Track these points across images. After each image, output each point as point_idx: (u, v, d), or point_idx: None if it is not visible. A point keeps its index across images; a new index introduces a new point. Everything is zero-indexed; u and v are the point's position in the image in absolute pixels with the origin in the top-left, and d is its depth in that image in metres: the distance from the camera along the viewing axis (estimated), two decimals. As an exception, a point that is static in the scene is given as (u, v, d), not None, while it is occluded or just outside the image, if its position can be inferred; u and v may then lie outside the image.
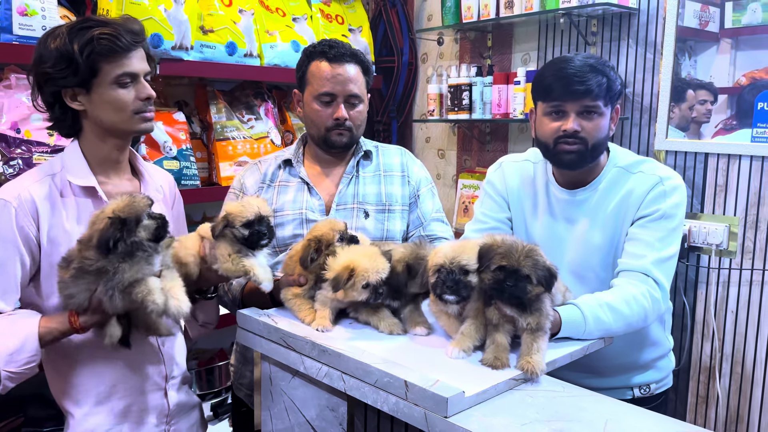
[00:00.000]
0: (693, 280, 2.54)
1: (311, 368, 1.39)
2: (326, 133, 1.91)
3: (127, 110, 1.54)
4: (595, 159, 1.69)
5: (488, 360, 1.30)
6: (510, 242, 1.34)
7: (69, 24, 1.52)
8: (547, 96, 1.67)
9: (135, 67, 1.53)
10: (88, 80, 1.49)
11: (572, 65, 1.63)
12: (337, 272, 1.44)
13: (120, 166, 1.65)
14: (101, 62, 1.49)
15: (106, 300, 1.39)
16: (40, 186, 1.53)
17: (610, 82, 1.63)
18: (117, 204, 1.41)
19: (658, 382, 1.84)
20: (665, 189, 1.66)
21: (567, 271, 1.75)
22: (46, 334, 1.46)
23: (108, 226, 1.37)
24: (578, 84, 1.60)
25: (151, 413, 1.65)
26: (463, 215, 3.24)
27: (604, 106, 1.64)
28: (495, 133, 3.26)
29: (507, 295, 1.30)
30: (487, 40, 3.21)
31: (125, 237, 1.37)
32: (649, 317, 1.57)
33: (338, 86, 1.87)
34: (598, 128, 1.64)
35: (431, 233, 2.00)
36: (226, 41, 2.71)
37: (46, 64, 1.48)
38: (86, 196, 1.56)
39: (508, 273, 1.30)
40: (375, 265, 1.43)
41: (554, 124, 1.66)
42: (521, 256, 1.30)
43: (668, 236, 1.64)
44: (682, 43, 2.51)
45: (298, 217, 1.90)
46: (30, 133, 2.18)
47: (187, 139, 2.64)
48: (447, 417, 1.13)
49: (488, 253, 1.33)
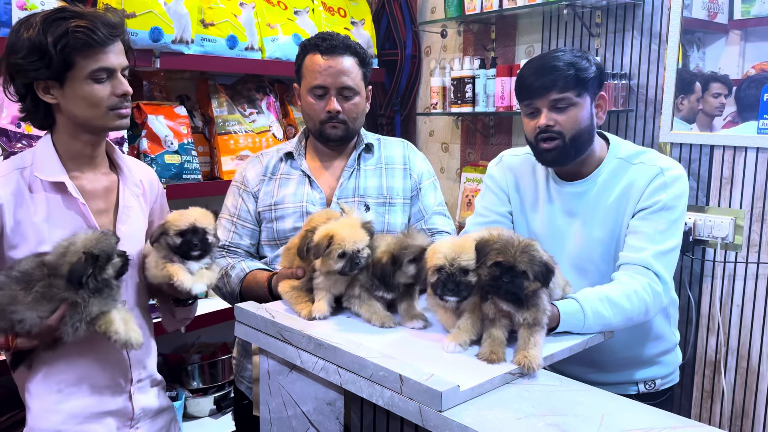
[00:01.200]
0: (698, 274, 2.52)
1: (308, 362, 1.38)
2: (321, 127, 1.91)
3: (102, 106, 1.48)
4: (578, 152, 1.67)
5: (484, 354, 1.29)
6: (506, 237, 1.33)
7: (44, 14, 1.45)
8: (520, 97, 1.70)
9: (111, 62, 1.47)
10: (62, 74, 1.44)
11: (538, 63, 1.65)
12: (318, 240, 1.46)
13: (95, 161, 1.60)
14: (76, 56, 1.43)
15: (69, 330, 1.41)
16: (7, 179, 1.49)
17: (578, 72, 1.61)
18: (89, 239, 1.42)
19: (663, 378, 1.82)
20: (666, 180, 1.64)
21: (568, 265, 1.73)
22: None
23: (81, 262, 1.38)
24: (540, 80, 1.62)
25: (113, 415, 1.59)
26: (467, 209, 3.23)
27: (576, 97, 1.62)
28: (498, 126, 3.24)
29: (503, 292, 1.29)
30: (490, 33, 3.20)
31: (96, 273, 1.40)
32: (650, 311, 1.56)
33: (330, 79, 1.86)
34: (573, 120, 1.63)
35: (433, 227, 1.99)
36: (227, 35, 2.70)
37: (18, 55, 1.42)
38: (56, 192, 1.51)
39: (504, 269, 1.29)
40: (353, 235, 1.44)
41: (532, 123, 1.67)
42: (517, 252, 1.29)
43: (669, 228, 1.62)
44: (690, 35, 2.48)
45: (299, 210, 1.90)
46: (30, 128, 2.19)
47: (188, 133, 2.64)
48: (441, 411, 1.12)
49: (484, 248, 1.32)
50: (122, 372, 1.61)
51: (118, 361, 1.60)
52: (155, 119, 2.55)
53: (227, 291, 1.87)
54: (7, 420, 2.26)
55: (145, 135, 2.52)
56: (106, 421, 1.59)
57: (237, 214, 1.95)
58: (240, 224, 1.94)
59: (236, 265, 1.87)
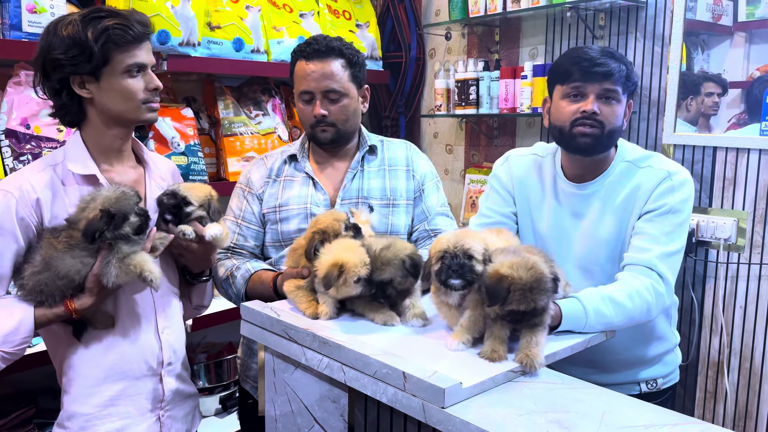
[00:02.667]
0: (701, 275, 2.53)
1: (312, 360, 1.40)
2: (312, 131, 1.94)
3: (136, 100, 1.57)
4: (608, 147, 1.69)
5: (486, 353, 1.30)
6: (519, 279, 1.27)
7: (81, 13, 1.54)
8: (567, 78, 1.67)
9: (144, 59, 1.56)
10: (99, 68, 1.51)
11: (593, 50, 1.66)
12: (327, 271, 1.44)
13: (123, 155, 1.67)
14: (113, 51, 1.51)
15: (107, 272, 1.48)
16: (42, 176, 1.56)
17: (628, 71, 1.66)
18: (108, 197, 1.49)
19: (664, 377, 1.83)
20: (673, 184, 1.65)
21: (574, 266, 1.74)
22: (40, 317, 1.51)
23: (96, 218, 1.46)
24: (600, 66, 1.62)
25: (146, 398, 1.66)
26: (471, 210, 3.24)
27: (622, 93, 1.65)
28: (502, 127, 3.25)
29: (524, 324, 1.32)
30: (494, 35, 3.21)
31: (110, 230, 1.48)
32: (652, 311, 1.57)
33: (313, 83, 1.88)
34: (614, 114, 1.65)
35: (436, 228, 2.00)
36: (233, 37, 2.73)
37: (57, 51, 1.50)
38: (88, 184, 1.59)
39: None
40: (362, 258, 1.44)
41: (573, 106, 1.66)
42: (535, 295, 1.27)
43: (675, 231, 1.63)
44: (694, 37, 2.49)
45: (303, 212, 1.92)
46: (39, 129, 2.22)
47: (195, 134, 2.67)
48: (444, 408, 1.13)
49: (500, 290, 1.28)
50: (154, 355, 1.67)
51: (150, 345, 1.66)
52: (162, 121, 2.57)
53: (233, 292, 1.89)
54: (16, 417, 2.29)
55: (152, 136, 2.55)
56: (139, 403, 1.65)
57: (242, 216, 1.97)
58: (245, 226, 1.96)
59: (241, 266, 1.88)
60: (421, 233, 2.01)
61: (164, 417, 1.70)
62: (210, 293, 1.91)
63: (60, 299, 1.51)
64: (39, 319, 1.51)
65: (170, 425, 1.72)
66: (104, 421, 1.61)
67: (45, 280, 1.50)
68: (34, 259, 1.51)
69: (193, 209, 1.65)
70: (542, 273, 1.28)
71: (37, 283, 1.50)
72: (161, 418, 1.70)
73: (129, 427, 1.64)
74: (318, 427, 1.45)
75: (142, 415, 1.66)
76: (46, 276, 1.50)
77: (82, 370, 1.60)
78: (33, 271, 1.51)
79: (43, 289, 1.50)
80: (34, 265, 1.51)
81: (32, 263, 1.51)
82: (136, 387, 1.65)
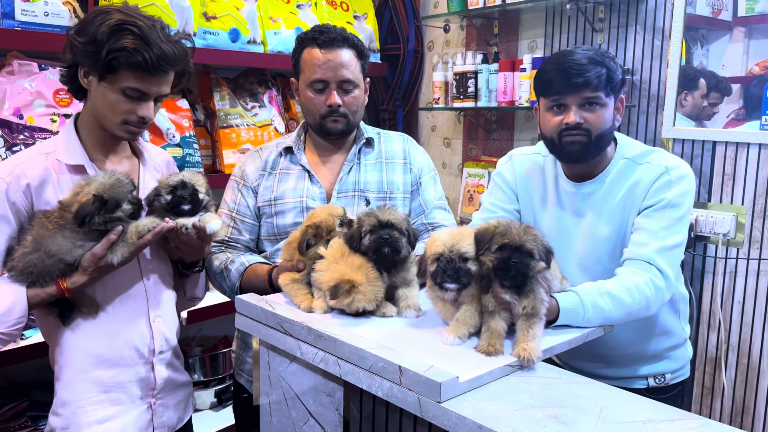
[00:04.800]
0: (699, 270, 2.52)
1: (307, 353, 1.39)
2: (321, 121, 1.90)
3: (118, 117, 1.55)
4: (600, 151, 1.68)
5: (482, 347, 1.29)
6: (505, 222, 1.34)
7: (118, 18, 1.50)
8: (547, 91, 1.68)
9: (149, 89, 1.55)
10: (104, 74, 1.52)
11: (570, 58, 1.63)
12: (338, 282, 1.44)
13: (116, 147, 1.68)
14: (123, 69, 1.51)
15: (114, 249, 1.52)
16: (34, 162, 1.56)
17: (609, 73, 1.63)
18: (103, 183, 1.51)
19: (673, 372, 1.82)
20: (671, 178, 1.64)
21: (575, 264, 1.74)
22: (33, 297, 1.52)
23: (89, 203, 1.49)
24: (577, 76, 1.60)
25: (137, 386, 1.67)
26: (469, 204, 3.23)
27: (605, 97, 1.64)
28: (501, 121, 3.24)
29: (513, 273, 1.29)
30: (493, 27, 3.19)
31: (101, 215, 1.50)
32: (651, 306, 1.56)
33: (329, 72, 1.85)
34: (600, 120, 1.64)
35: (433, 221, 1.99)
36: (230, 28, 2.70)
37: (80, 37, 1.51)
38: (77, 174, 1.59)
39: (512, 250, 1.30)
40: (377, 294, 1.45)
41: (556, 119, 1.66)
42: (521, 232, 1.31)
43: (673, 225, 1.62)
44: (694, 32, 2.47)
45: (299, 205, 1.90)
46: (33, 119, 2.20)
47: (190, 126, 2.65)
48: (440, 402, 1.12)
49: (485, 235, 1.33)
50: (145, 342, 1.67)
51: (141, 332, 1.67)
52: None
53: (227, 285, 1.87)
54: (8, 411, 2.27)
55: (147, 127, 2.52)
56: (130, 391, 1.66)
57: (236, 209, 1.95)
58: (239, 219, 1.94)
59: (235, 259, 1.87)
60: (419, 227, 1.99)
61: (156, 405, 1.71)
62: (204, 285, 1.91)
63: (51, 279, 1.53)
64: (32, 299, 1.52)
65: (162, 413, 1.72)
66: (96, 407, 1.62)
67: (35, 260, 1.51)
68: (25, 240, 1.53)
69: (203, 196, 1.65)
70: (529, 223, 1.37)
71: (27, 263, 1.51)
72: (153, 405, 1.70)
73: (121, 414, 1.64)
74: (313, 421, 1.44)
75: (134, 402, 1.67)
76: (36, 256, 1.51)
77: (73, 357, 1.61)
78: (23, 252, 1.52)
79: (33, 270, 1.51)
80: (24, 246, 1.52)
81: (23, 244, 1.53)
82: (127, 374, 1.65)
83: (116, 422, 1.64)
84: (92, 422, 1.61)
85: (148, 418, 1.69)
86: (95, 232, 1.53)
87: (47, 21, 2.21)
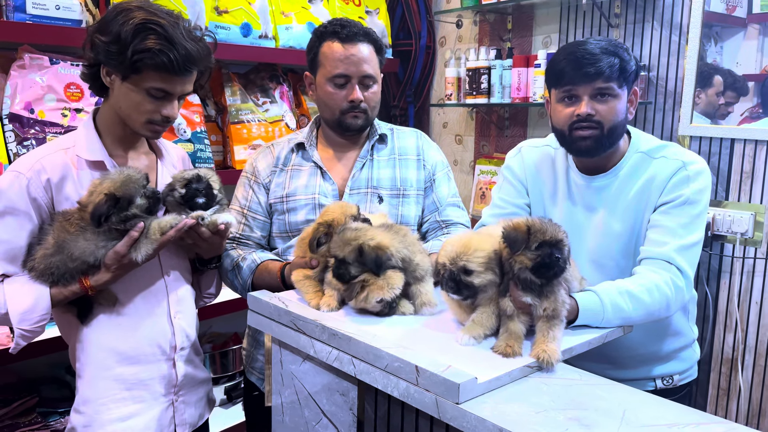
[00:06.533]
0: (716, 270, 2.48)
1: (321, 352, 1.37)
2: (341, 116, 1.88)
3: (142, 117, 1.56)
4: (612, 144, 1.65)
5: (500, 347, 1.27)
6: (534, 219, 1.32)
7: (142, 16, 1.49)
8: (558, 81, 1.64)
9: (173, 88, 1.55)
10: (128, 74, 1.51)
11: (582, 48, 1.60)
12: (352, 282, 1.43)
13: (135, 143, 1.69)
14: (147, 69, 1.50)
15: (137, 246, 1.52)
16: (54, 157, 1.57)
17: (623, 63, 1.59)
18: (114, 180, 1.51)
19: (681, 374, 1.79)
20: (689, 174, 1.61)
21: (587, 260, 1.71)
22: (56, 294, 1.53)
23: (102, 202, 1.49)
24: (588, 66, 1.57)
25: (159, 383, 1.67)
26: (481, 201, 3.20)
27: (618, 88, 1.60)
28: (514, 117, 3.21)
29: (557, 270, 1.28)
30: (507, 23, 3.16)
31: (116, 213, 1.51)
32: (671, 306, 1.53)
33: (352, 67, 1.83)
34: (613, 111, 1.60)
35: (447, 218, 1.97)
36: (241, 22, 2.68)
37: (103, 37, 1.50)
38: (97, 169, 1.59)
39: (552, 246, 1.27)
40: (392, 281, 1.42)
41: (568, 110, 1.63)
42: (556, 228, 1.29)
43: (692, 223, 1.59)
44: (708, 29, 2.43)
45: (311, 202, 1.88)
46: (44, 114, 2.18)
47: (201, 121, 2.63)
48: (459, 403, 1.10)
49: (520, 235, 1.30)
50: (166, 339, 1.67)
51: (163, 329, 1.67)
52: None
53: (239, 282, 1.85)
54: (18, 406, 2.27)
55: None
56: (152, 388, 1.66)
57: (247, 206, 1.93)
58: (251, 216, 1.92)
59: (247, 257, 1.85)
60: (432, 224, 1.97)
61: (177, 402, 1.71)
62: (218, 282, 1.91)
63: (73, 279, 1.53)
64: (55, 297, 1.53)
65: (183, 410, 1.72)
66: (119, 405, 1.62)
67: (57, 262, 1.51)
68: (46, 241, 1.52)
69: (217, 192, 1.66)
70: None
71: (49, 265, 1.51)
72: (174, 402, 1.70)
73: (143, 412, 1.64)
74: (326, 421, 1.42)
75: (156, 399, 1.66)
76: (58, 259, 1.51)
77: (95, 354, 1.60)
78: (45, 253, 1.52)
79: (55, 271, 1.52)
80: (46, 248, 1.52)
81: (44, 245, 1.52)
82: (149, 371, 1.65)
83: (139, 420, 1.63)
84: (115, 419, 1.61)
85: (170, 415, 1.69)
86: (116, 231, 1.53)
87: (59, 14, 2.20)
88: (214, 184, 1.65)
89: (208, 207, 1.63)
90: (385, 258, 1.41)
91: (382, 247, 1.41)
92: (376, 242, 1.42)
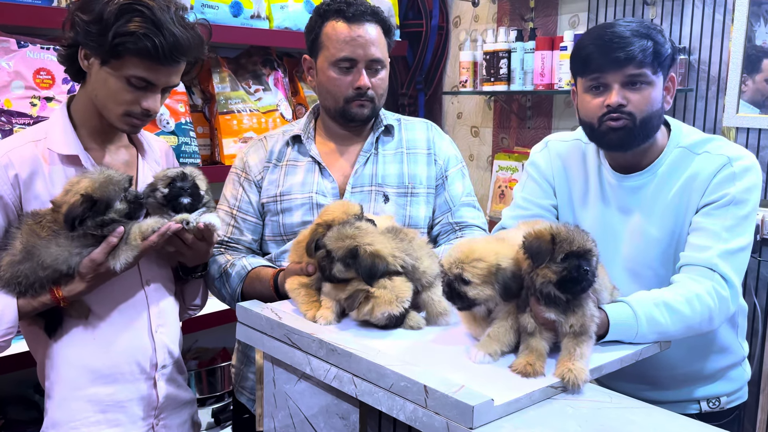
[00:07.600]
0: (766, 279, 2.48)
1: (318, 370, 1.37)
2: (345, 105, 1.88)
3: (120, 108, 1.57)
4: (646, 137, 1.65)
5: (519, 365, 1.26)
6: (559, 226, 1.31)
7: None
8: (585, 69, 1.65)
9: (157, 79, 1.55)
10: (108, 58, 1.51)
11: (611, 30, 1.60)
12: (352, 291, 1.43)
13: (113, 136, 1.69)
14: (129, 55, 1.50)
15: (115, 254, 1.51)
16: (22, 150, 1.57)
17: (657, 46, 1.59)
18: (93, 180, 1.51)
19: (729, 395, 1.79)
20: (735, 171, 1.61)
21: (621, 268, 1.71)
22: (24, 306, 1.53)
23: (77, 204, 1.48)
24: (618, 50, 1.57)
25: (137, 404, 1.67)
26: (499, 201, 3.21)
27: (652, 75, 1.61)
28: (537, 107, 3.21)
29: (585, 285, 1.28)
30: (529, 1, 3.16)
31: (92, 217, 1.50)
32: (715, 319, 1.53)
33: (359, 50, 1.83)
34: (646, 100, 1.61)
35: (460, 220, 1.97)
36: (231, 1, 2.70)
37: (84, 15, 1.50)
38: (71, 165, 1.60)
39: (579, 257, 1.27)
40: (401, 293, 1.42)
41: (597, 101, 1.63)
42: (584, 236, 1.29)
43: (738, 225, 1.59)
44: (756, 7, 2.43)
45: (308, 202, 1.88)
46: (10, 103, 2.20)
47: (186, 111, 2.64)
48: (473, 429, 1.10)
49: (544, 245, 1.29)
50: (147, 356, 1.67)
51: (142, 344, 1.67)
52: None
53: (227, 291, 1.86)
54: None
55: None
56: (130, 410, 1.66)
57: (237, 206, 1.94)
58: (240, 217, 1.93)
59: (236, 263, 1.86)
60: (444, 226, 1.97)
61: (158, 426, 1.71)
62: (204, 291, 1.92)
63: (43, 289, 1.53)
64: (23, 308, 1.53)
65: None
66: (92, 429, 1.61)
67: (25, 270, 1.51)
68: (13, 246, 1.52)
69: (203, 193, 1.67)
70: None
71: (16, 273, 1.51)
72: (155, 426, 1.71)
73: None
74: (324, 448, 1.43)
75: (134, 423, 1.66)
76: (27, 266, 1.51)
77: (66, 372, 1.60)
78: (11, 260, 1.52)
79: (23, 280, 1.52)
80: (13, 254, 1.52)
81: (10, 251, 1.52)
82: (127, 391, 1.65)
83: None
84: None
85: None
86: (93, 237, 1.53)
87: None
88: (201, 183, 1.66)
89: (194, 208, 1.63)
90: (380, 268, 1.41)
91: (379, 256, 1.42)
92: (374, 249, 1.42)
